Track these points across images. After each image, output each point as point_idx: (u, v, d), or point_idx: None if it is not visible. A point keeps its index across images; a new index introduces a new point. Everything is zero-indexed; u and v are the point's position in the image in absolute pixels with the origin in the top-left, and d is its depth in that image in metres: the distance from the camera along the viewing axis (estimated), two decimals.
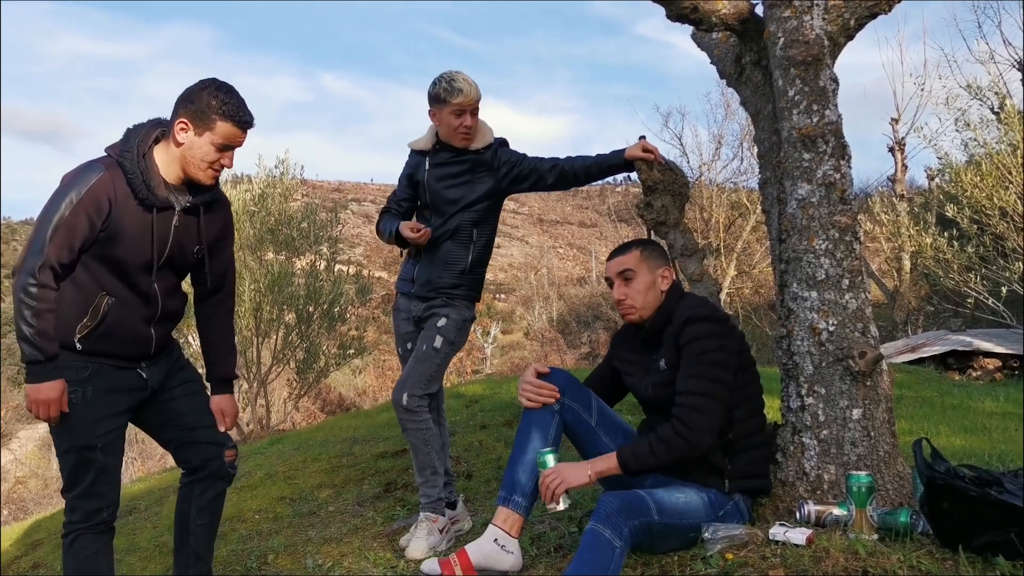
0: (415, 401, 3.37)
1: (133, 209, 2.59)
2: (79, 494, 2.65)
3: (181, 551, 2.92)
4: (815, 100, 2.85)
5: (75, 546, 2.66)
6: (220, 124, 2.59)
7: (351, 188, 54.36)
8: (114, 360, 2.68)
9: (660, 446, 2.58)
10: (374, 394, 21.85)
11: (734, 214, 20.25)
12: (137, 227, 2.61)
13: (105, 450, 2.65)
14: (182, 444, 2.85)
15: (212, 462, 2.85)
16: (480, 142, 3.45)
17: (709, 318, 2.72)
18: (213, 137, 2.60)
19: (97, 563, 2.69)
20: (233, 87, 2.65)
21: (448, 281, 3.46)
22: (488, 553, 2.74)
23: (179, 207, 2.68)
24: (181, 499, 2.91)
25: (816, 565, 2.29)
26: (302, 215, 12.84)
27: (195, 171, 2.65)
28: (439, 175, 3.47)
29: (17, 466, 27.28)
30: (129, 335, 2.69)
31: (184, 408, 2.83)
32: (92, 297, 2.61)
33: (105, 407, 2.65)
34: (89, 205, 2.52)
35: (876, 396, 2.79)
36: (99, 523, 2.67)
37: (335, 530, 3.97)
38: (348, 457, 5.45)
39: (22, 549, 5.65)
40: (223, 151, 2.63)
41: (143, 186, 2.58)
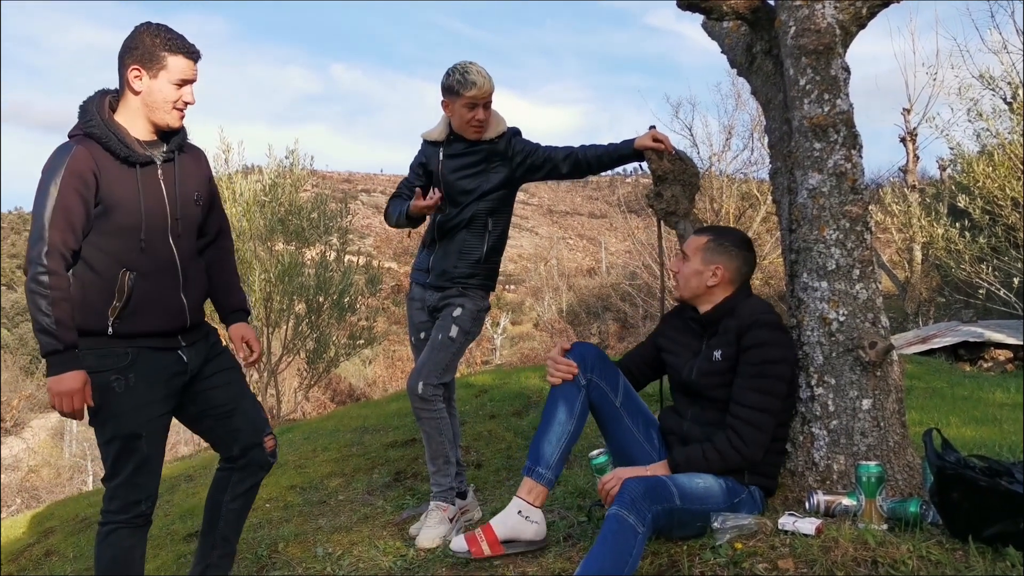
0: (430, 390, 3.37)
1: (119, 173, 2.57)
2: (120, 483, 2.65)
3: (208, 534, 2.91)
4: (826, 89, 2.83)
5: (110, 538, 2.66)
6: (171, 59, 2.59)
7: (361, 179, 54.44)
8: (152, 340, 2.65)
9: (715, 456, 2.64)
10: (384, 384, 21.91)
11: (744, 205, 20.18)
12: (126, 191, 2.58)
13: (148, 439, 2.64)
14: (221, 433, 2.84)
15: (252, 451, 2.84)
16: (493, 132, 3.45)
17: (777, 326, 2.75)
18: (168, 75, 2.60)
19: (131, 558, 2.69)
20: (167, 25, 2.64)
21: (463, 271, 3.46)
22: (512, 525, 2.80)
23: (159, 160, 2.66)
24: (216, 485, 2.90)
25: (825, 555, 2.29)
26: (312, 205, 12.85)
27: (161, 115, 2.63)
28: (453, 166, 3.48)
29: (30, 455, 27.48)
30: (160, 306, 2.66)
31: (222, 397, 2.81)
32: (114, 277, 2.58)
33: (148, 395, 2.63)
34: (75, 181, 2.49)
35: (886, 386, 2.78)
36: (137, 515, 2.67)
37: (345, 519, 3.99)
38: (358, 447, 5.47)
39: (35, 536, 5.70)
40: (182, 86, 2.62)
41: (120, 144, 2.56)
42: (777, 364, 2.70)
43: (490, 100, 3.39)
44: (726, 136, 20.50)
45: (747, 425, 2.64)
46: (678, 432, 2.85)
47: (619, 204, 25.49)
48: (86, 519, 5.59)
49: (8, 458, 27.04)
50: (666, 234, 3.58)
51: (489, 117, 3.41)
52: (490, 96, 3.38)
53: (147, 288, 2.63)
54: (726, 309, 2.81)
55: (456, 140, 3.49)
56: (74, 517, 5.88)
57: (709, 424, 2.76)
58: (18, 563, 5.05)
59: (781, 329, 2.78)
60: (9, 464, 25.84)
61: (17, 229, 63.21)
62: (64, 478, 22.99)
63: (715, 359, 2.75)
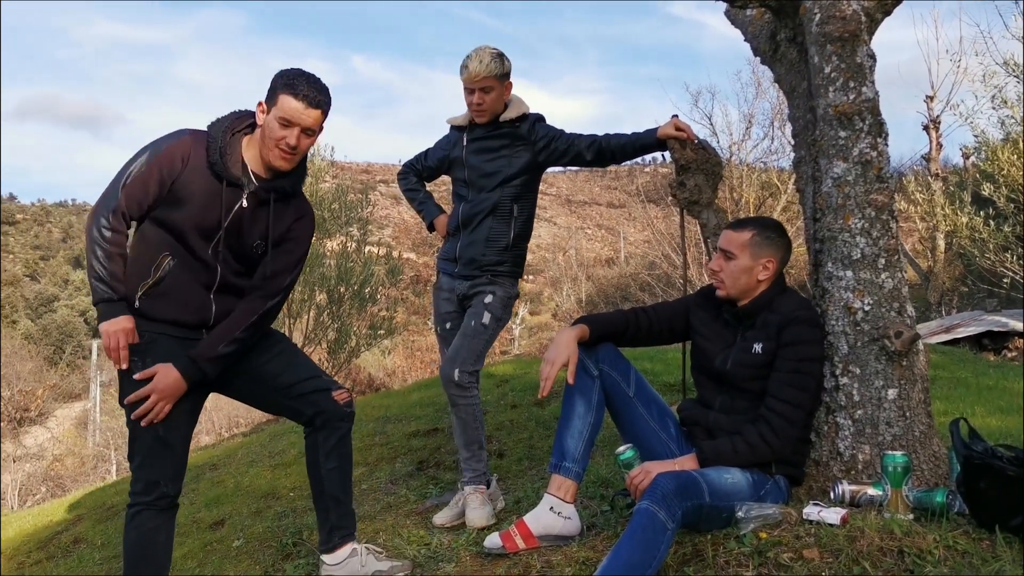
0: (467, 377, 3.42)
1: (204, 176, 2.66)
2: (139, 464, 2.71)
3: (319, 499, 2.98)
4: (852, 77, 2.81)
5: (136, 520, 2.72)
6: (282, 98, 2.63)
7: (379, 169, 54.46)
8: (173, 328, 2.71)
9: (744, 448, 2.65)
10: (403, 374, 21.94)
11: (764, 194, 20.03)
12: (204, 195, 2.66)
13: (164, 423, 2.69)
14: (288, 402, 2.88)
15: (325, 406, 2.87)
16: (511, 113, 3.48)
17: (816, 323, 2.78)
18: (277, 112, 2.64)
19: (155, 539, 2.74)
20: (306, 71, 2.68)
21: (492, 258, 3.49)
22: (546, 522, 2.82)
23: (248, 189, 2.72)
24: (308, 449, 2.95)
25: (851, 545, 2.28)
26: (332, 196, 12.90)
27: (267, 151, 2.69)
28: (477, 148, 3.52)
29: (54, 444, 27.78)
30: (186, 298, 2.71)
31: (276, 370, 2.86)
32: (156, 256, 2.67)
33: None
34: (163, 161, 2.63)
35: (912, 376, 2.77)
36: (160, 497, 2.72)
37: (368, 508, 4.01)
38: (380, 436, 5.50)
39: (63, 524, 5.78)
40: (288, 127, 2.64)
41: (217, 154, 2.66)
42: (814, 362, 2.74)
43: (489, 85, 3.40)
44: (746, 125, 20.32)
45: (781, 418, 2.64)
46: (703, 422, 2.85)
47: (638, 193, 25.37)
48: (113, 507, 5.66)
49: (33, 447, 27.35)
50: (688, 224, 3.58)
51: (490, 101, 3.43)
52: (484, 81, 3.39)
53: (181, 277, 2.70)
54: (764, 302, 2.80)
55: (479, 125, 3.52)
56: (101, 505, 5.96)
57: (737, 413, 2.76)
58: (47, 550, 5.12)
59: (820, 327, 2.79)
60: (34, 453, 26.14)
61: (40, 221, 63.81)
62: (88, 467, 23.20)
63: (755, 352, 2.74)
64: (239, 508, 4.71)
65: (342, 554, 2.95)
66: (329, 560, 2.95)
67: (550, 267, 36.08)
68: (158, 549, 2.76)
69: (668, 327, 3.06)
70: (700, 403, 2.95)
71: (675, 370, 5.92)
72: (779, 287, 2.84)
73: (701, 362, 2.96)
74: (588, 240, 45.72)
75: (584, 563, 2.61)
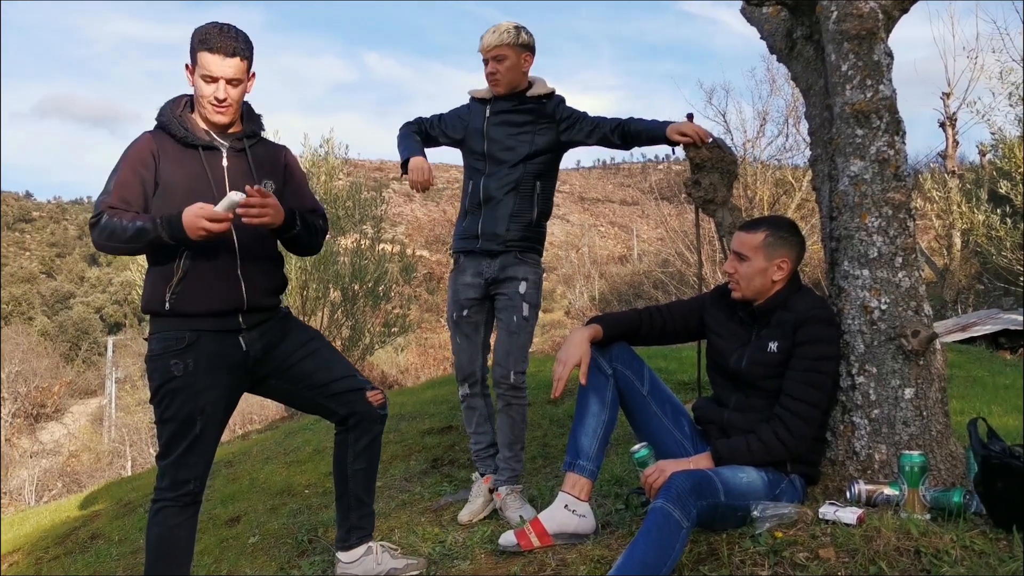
0: (521, 377, 3.46)
1: (180, 157, 2.69)
2: (171, 462, 2.71)
3: (342, 498, 2.99)
4: (869, 75, 2.80)
5: (159, 516, 2.74)
6: (200, 56, 2.66)
7: (392, 167, 54.51)
8: (210, 320, 2.70)
9: (759, 447, 2.64)
10: (416, 371, 21.99)
11: (778, 191, 19.96)
12: (190, 173, 2.69)
13: (204, 423, 2.70)
14: (322, 401, 2.90)
15: (359, 407, 2.88)
16: (538, 90, 3.52)
17: (832, 322, 2.77)
18: (200, 71, 2.68)
19: (178, 535, 2.75)
20: (220, 22, 2.71)
21: (516, 234, 3.48)
22: (561, 520, 2.82)
23: (225, 148, 2.76)
24: (338, 447, 2.97)
25: (867, 544, 2.28)
26: (347, 194, 12.93)
27: (203, 110, 2.74)
28: (500, 121, 3.52)
29: (70, 440, 27.99)
30: (214, 284, 2.69)
31: (310, 368, 2.86)
32: (173, 257, 2.66)
33: (206, 379, 2.68)
34: (134, 159, 2.67)
35: (929, 375, 2.76)
36: (185, 494, 2.73)
37: (383, 505, 4.02)
38: (395, 433, 5.52)
39: (80, 520, 5.82)
40: (212, 82, 2.68)
41: (180, 127, 2.70)
42: (830, 361, 2.73)
43: (501, 54, 3.43)
44: (760, 122, 20.24)
45: (796, 418, 2.64)
46: (717, 421, 2.85)
47: (651, 191, 25.30)
48: (129, 503, 5.71)
49: (49, 443, 27.59)
50: (702, 222, 3.57)
51: (504, 70, 3.45)
52: (497, 51, 3.43)
53: (203, 266, 2.68)
54: (779, 301, 2.79)
55: (503, 99, 3.53)
56: (118, 501, 6.01)
57: (752, 412, 2.76)
58: (65, 545, 5.17)
59: (835, 326, 2.79)
60: (50, 449, 26.36)
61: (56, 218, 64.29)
62: (104, 463, 23.36)
63: (770, 350, 2.74)
64: (255, 505, 4.73)
65: (358, 552, 2.96)
66: (345, 558, 2.96)
67: (563, 264, 36.06)
68: (180, 545, 2.77)
69: (683, 326, 3.05)
70: (715, 402, 2.95)
71: (689, 368, 5.91)
72: (794, 286, 2.83)
73: (716, 361, 2.96)
74: (601, 237, 45.68)
75: (599, 561, 2.61)
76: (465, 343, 3.58)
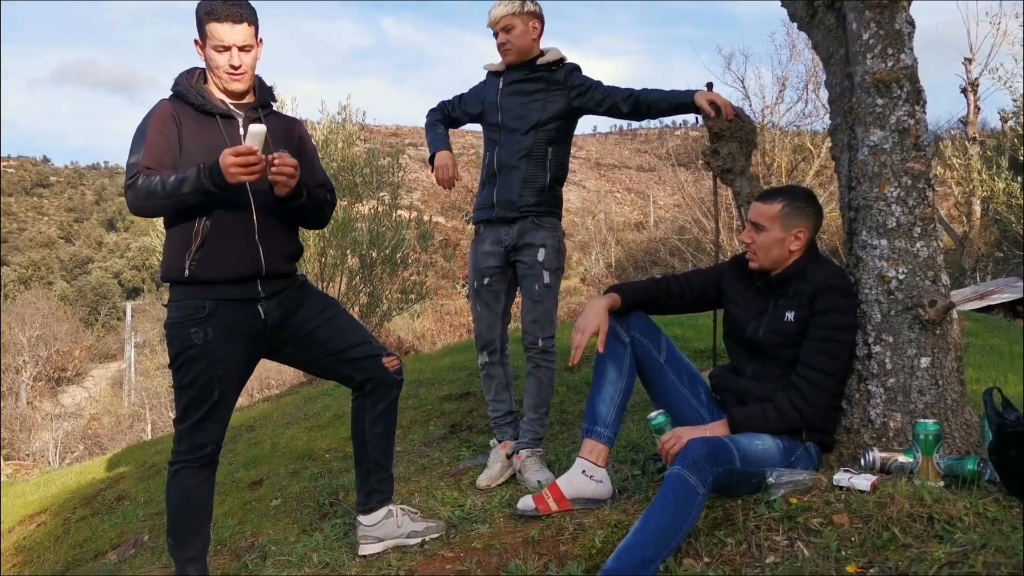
0: (550, 342, 3.52)
1: (198, 124, 2.74)
2: (189, 427, 2.78)
3: (361, 462, 3.04)
4: (890, 44, 2.79)
5: (177, 477, 2.81)
6: (209, 27, 2.70)
7: (408, 132, 54.45)
8: (229, 288, 2.74)
9: (775, 415, 2.67)
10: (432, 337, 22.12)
11: (797, 158, 19.82)
12: (209, 140, 2.71)
13: (221, 389, 2.77)
14: (339, 367, 2.94)
15: (375, 373, 2.93)
16: (548, 58, 3.55)
17: (849, 292, 2.78)
18: (211, 42, 2.71)
19: (197, 495, 2.83)
20: None
21: (530, 199, 3.51)
22: (578, 485, 2.88)
23: (240, 116, 2.80)
24: (355, 412, 3.01)
25: (881, 511, 2.30)
26: (364, 161, 12.92)
27: (220, 82, 2.78)
28: (512, 91, 3.57)
29: (91, 404, 28.40)
30: (233, 250, 2.73)
31: (327, 335, 2.90)
32: (192, 224, 2.70)
33: (225, 347, 2.74)
34: (158, 122, 2.70)
35: (945, 345, 2.77)
36: (202, 456, 2.81)
37: (403, 469, 4.09)
38: (413, 399, 5.58)
39: (106, 482, 5.94)
40: (224, 51, 2.71)
41: (196, 95, 2.74)
42: (847, 331, 2.74)
43: (509, 24, 3.49)
44: (779, 88, 20.06)
45: (812, 386, 2.66)
46: (734, 389, 2.88)
47: (668, 157, 25.19)
48: (153, 466, 5.82)
49: (71, 406, 28.02)
50: (720, 190, 3.58)
51: (514, 39, 3.50)
52: (504, 21, 3.49)
53: (220, 233, 2.72)
54: (796, 271, 2.80)
55: (514, 69, 3.58)
56: (143, 463, 6.12)
57: (768, 380, 2.79)
58: (91, 506, 5.28)
59: (853, 296, 2.80)
60: (72, 412, 26.77)
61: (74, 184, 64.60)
62: (124, 426, 23.73)
63: (787, 320, 2.76)
64: (276, 468, 4.82)
65: (378, 515, 3.02)
66: (366, 520, 3.02)
67: (579, 231, 36.01)
68: (200, 505, 2.86)
69: (700, 295, 3.08)
70: (731, 370, 2.97)
71: (706, 336, 5.93)
72: (812, 255, 2.84)
73: (733, 330, 2.98)
74: (617, 204, 45.51)
75: (616, 526, 2.65)
76: (485, 311, 3.62)
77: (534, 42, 3.55)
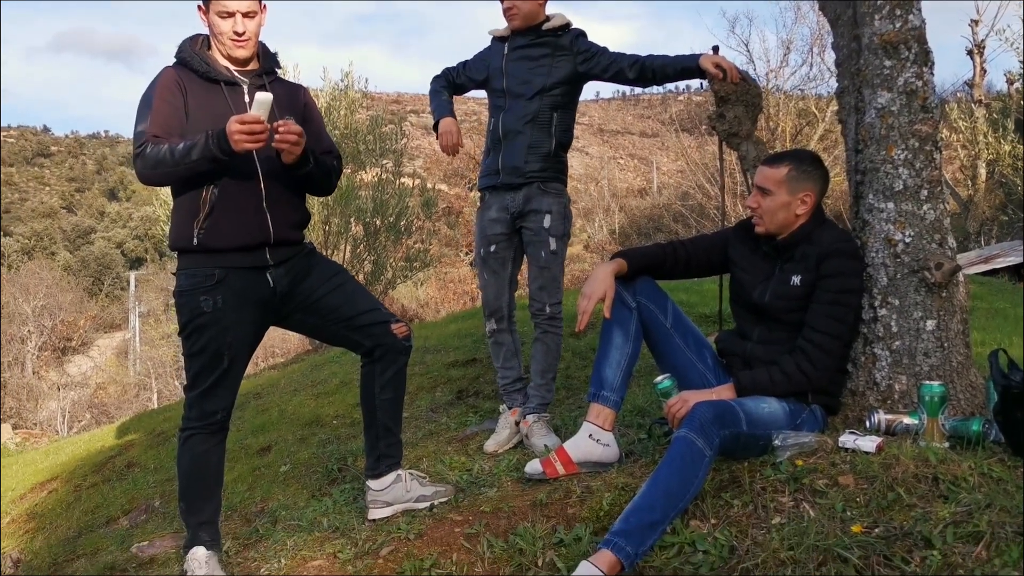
0: (557, 308, 3.55)
1: (203, 91, 2.74)
2: (199, 394, 2.81)
3: (370, 427, 3.07)
4: (898, 5, 2.77)
5: (188, 443, 2.84)
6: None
7: (410, 99, 54.08)
8: (237, 256, 2.75)
9: (781, 378, 2.68)
10: (436, 305, 22.16)
11: (801, 122, 19.68)
12: (214, 108, 2.72)
13: (231, 357, 2.79)
14: (348, 334, 2.96)
15: (384, 339, 2.95)
16: (554, 23, 3.54)
17: (856, 256, 2.79)
18: (215, 8, 2.72)
19: (208, 460, 2.87)
20: None
21: (536, 165, 3.51)
22: (585, 449, 2.91)
23: (246, 84, 2.81)
24: (364, 381, 3.04)
25: (886, 472, 2.32)
26: (368, 128, 12.86)
27: (224, 49, 2.78)
28: (517, 56, 3.56)
29: (97, 373, 28.53)
30: (240, 218, 2.74)
31: (336, 302, 2.91)
32: (200, 192, 2.70)
33: (235, 315, 2.75)
34: (164, 90, 2.71)
35: (951, 307, 2.78)
36: (212, 423, 2.84)
37: (411, 435, 4.12)
38: (420, 366, 5.61)
39: (116, 449, 6.00)
40: (228, 17, 2.72)
41: (201, 62, 2.75)
42: (853, 294, 2.75)
43: None
44: (784, 51, 19.90)
45: (818, 350, 2.67)
46: (740, 353, 2.89)
47: (671, 122, 25.05)
48: (162, 433, 5.86)
49: (77, 375, 28.14)
50: (725, 155, 3.57)
51: (520, 5, 3.49)
52: None
53: (229, 202, 2.73)
54: (803, 235, 2.80)
55: (519, 34, 3.56)
56: (152, 431, 6.17)
57: (774, 344, 2.80)
58: (102, 473, 5.34)
59: (859, 259, 2.80)
60: (78, 381, 26.90)
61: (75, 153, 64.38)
62: (130, 395, 23.85)
63: (793, 284, 2.76)
64: (284, 435, 4.86)
65: (387, 480, 3.05)
66: (375, 485, 3.05)
67: (582, 198, 35.86)
68: (211, 471, 2.90)
69: (706, 260, 3.08)
70: (737, 334, 2.98)
71: (710, 301, 5.95)
72: (818, 219, 2.84)
73: (739, 294, 2.98)
74: (620, 170, 45.32)
75: (623, 489, 2.68)
76: (492, 279, 3.63)
77: (540, 7, 3.52)
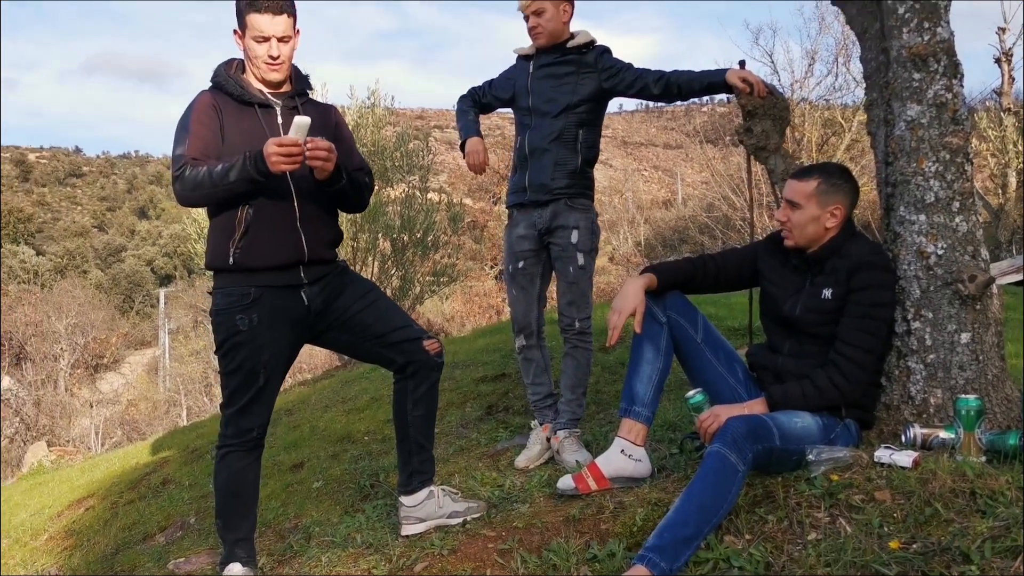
0: (587, 323, 3.56)
1: (238, 114, 2.79)
2: (236, 411, 2.85)
3: (403, 443, 3.10)
4: (927, 17, 2.77)
5: (225, 460, 2.89)
6: (249, 18, 2.75)
7: (433, 115, 54.42)
8: (272, 275, 2.79)
9: (813, 392, 2.67)
10: (461, 319, 22.20)
11: (827, 132, 19.56)
12: (249, 130, 2.78)
13: (267, 375, 2.83)
14: (381, 351, 2.99)
15: (417, 356, 2.97)
16: (579, 40, 3.55)
17: (887, 268, 2.77)
18: (250, 32, 2.76)
19: (244, 478, 2.91)
20: None
21: (562, 182, 3.52)
22: (617, 464, 2.91)
23: (278, 106, 2.85)
24: (397, 397, 3.06)
25: (923, 487, 2.30)
26: (395, 144, 12.93)
27: (259, 72, 2.83)
28: (543, 75, 3.57)
29: (128, 390, 28.82)
30: (275, 238, 2.78)
31: (369, 320, 2.95)
32: (235, 213, 2.75)
33: (270, 333, 2.80)
34: (201, 113, 2.76)
35: (985, 320, 2.76)
36: (249, 440, 2.87)
37: (441, 451, 4.14)
38: (450, 381, 5.63)
39: (150, 466, 6.06)
40: (264, 42, 2.76)
41: (236, 85, 2.80)
42: (885, 307, 2.73)
43: (540, 8, 3.49)
44: (809, 62, 19.80)
45: (851, 363, 2.66)
46: (771, 367, 2.88)
47: (695, 134, 24.96)
48: (196, 450, 5.93)
49: (108, 392, 28.44)
50: (752, 168, 3.57)
51: (545, 22, 3.49)
52: (534, 5, 3.49)
53: (263, 221, 2.77)
54: (833, 248, 2.79)
55: (544, 52, 3.58)
56: (185, 448, 6.24)
57: (806, 358, 2.79)
58: (138, 490, 5.40)
59: (890, 271, 2.79)
60: (110, 399, 27.18)
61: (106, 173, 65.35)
62: (160, 412, 24.06)
63: (824, 297, 2.75)
64: (317, 451, 4.90)
65: (420, 496, 3.07)
66: (408, 502, 3.07)
67: (607, 210, 35.81)
68: (247, 487, 2.94)
69: (736, 274, 3.08)
70: (768, 348, 2.98)
71: (739, 315, 5.93)
72: (848, 232, 2.83)
73: (769, 308, 2.98)
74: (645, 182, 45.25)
75: (656, 504, 2.67)
76: (521, 295, 3.64)
77: (565, 25, 3.55)
